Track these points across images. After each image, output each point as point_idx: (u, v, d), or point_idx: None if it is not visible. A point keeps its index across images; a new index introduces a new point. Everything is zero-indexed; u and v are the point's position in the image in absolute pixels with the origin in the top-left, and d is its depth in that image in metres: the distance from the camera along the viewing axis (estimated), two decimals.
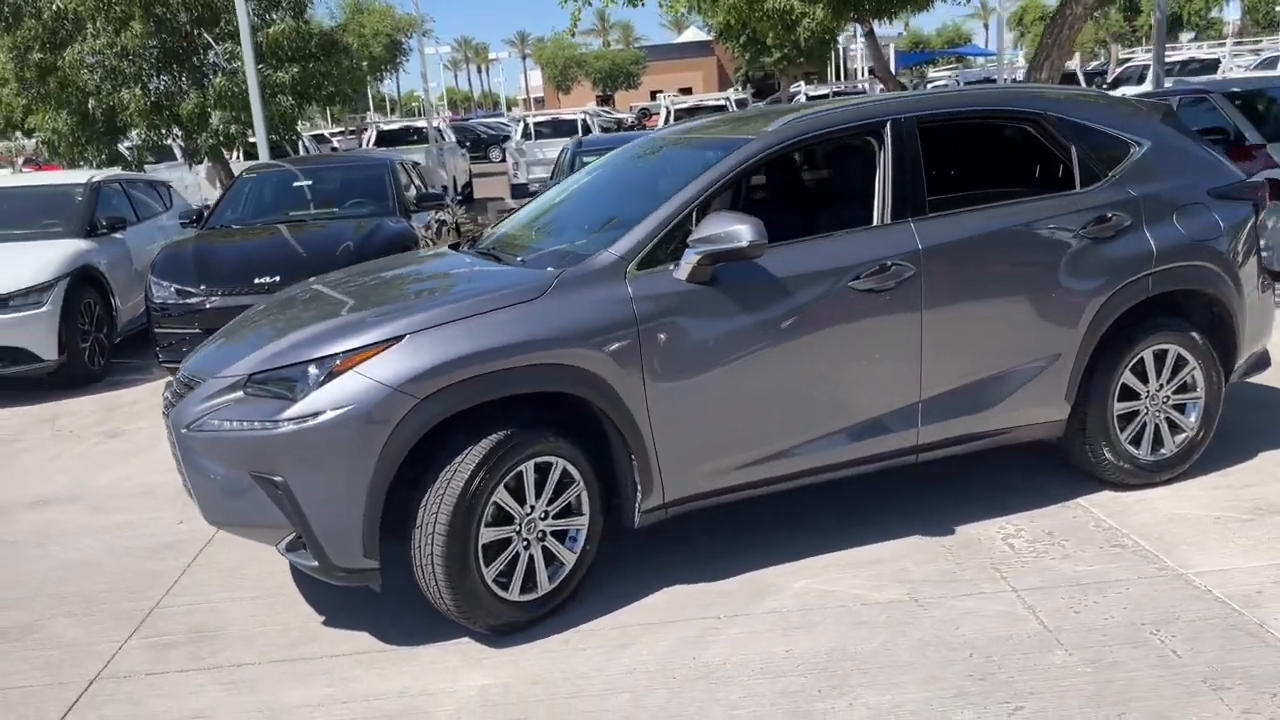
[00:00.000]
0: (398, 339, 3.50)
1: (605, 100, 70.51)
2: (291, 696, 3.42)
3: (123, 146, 16.94)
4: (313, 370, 3.49)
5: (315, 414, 3.41)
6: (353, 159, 13.13)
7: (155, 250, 8.42)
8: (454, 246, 5.15)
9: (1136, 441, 4.57)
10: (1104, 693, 3.13)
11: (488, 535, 3.56)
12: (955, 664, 3.34)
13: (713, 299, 3.81)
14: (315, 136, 26.75)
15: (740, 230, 3.67)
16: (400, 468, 3.47)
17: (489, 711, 3.25)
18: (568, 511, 3.79)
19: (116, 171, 11.79)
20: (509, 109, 79.30)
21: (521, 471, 3.62)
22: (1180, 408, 4.64)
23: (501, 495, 3.58)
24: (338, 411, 3.40)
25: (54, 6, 15.15)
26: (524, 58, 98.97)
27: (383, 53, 36.05)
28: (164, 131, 17.06)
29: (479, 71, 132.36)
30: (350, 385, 3.42)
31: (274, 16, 16.90)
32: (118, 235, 9.21)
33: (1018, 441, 4.51)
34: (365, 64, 27.97)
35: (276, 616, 3.98)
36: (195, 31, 16.16)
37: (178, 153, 18.67)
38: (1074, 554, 4.04)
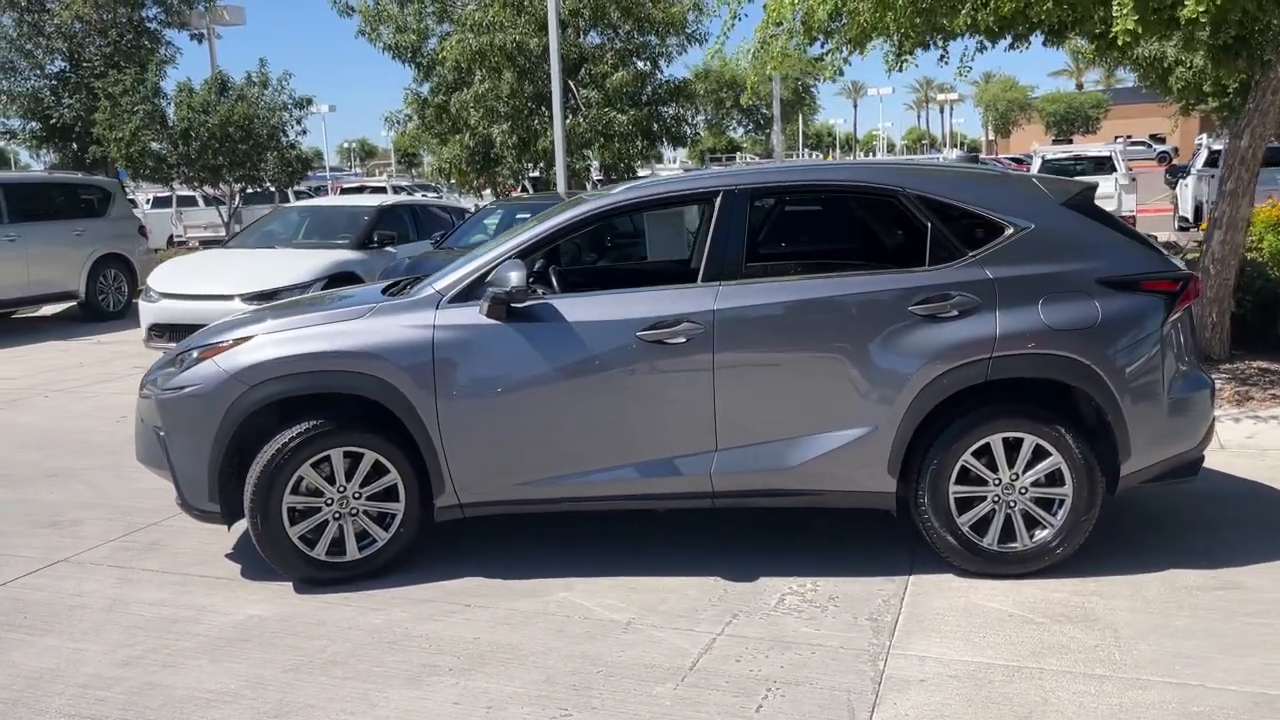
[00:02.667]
0: (246, 339, 4.56)
1: (1061, 142, 67.24)
2: (144, 596, 4.58)
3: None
4: (194, 355, 4.64)
5: (182, 387, 4.56)
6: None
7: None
8: None
9: (982, 528, 4.47)
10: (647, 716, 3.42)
11: (293, 500, 4.49)
12: (579, 673, 3.74)
13: (506, 335, 4.45)
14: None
15: (508, 277, 4.31)
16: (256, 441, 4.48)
17: (233, 630, 4.19)
18: (390, 498, 4.62)
19: (414, 198, 14.00)
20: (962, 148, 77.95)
21: (330, 456, 4.51)
22: (1047, 503, 4.46)
23: (307, 472, 4.49)
24: (194, 387, 4.53)
25: (452, 60, 18.01)
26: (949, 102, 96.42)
27: (790, 95, 37.59)
28: (529, 164, 19.55)
29: (941, 112, 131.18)
30: (205, 370, 4.54)
31: (634, 63, 18.73)
32: (389, 249, 11.19)
33: (842, 506, 4.61)
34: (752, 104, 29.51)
35: (201, 541, 5.16)
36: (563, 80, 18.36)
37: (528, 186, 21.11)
38: (823, 620, 4.16)
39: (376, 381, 4.44)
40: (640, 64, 18.81)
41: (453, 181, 20.46)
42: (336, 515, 4.58)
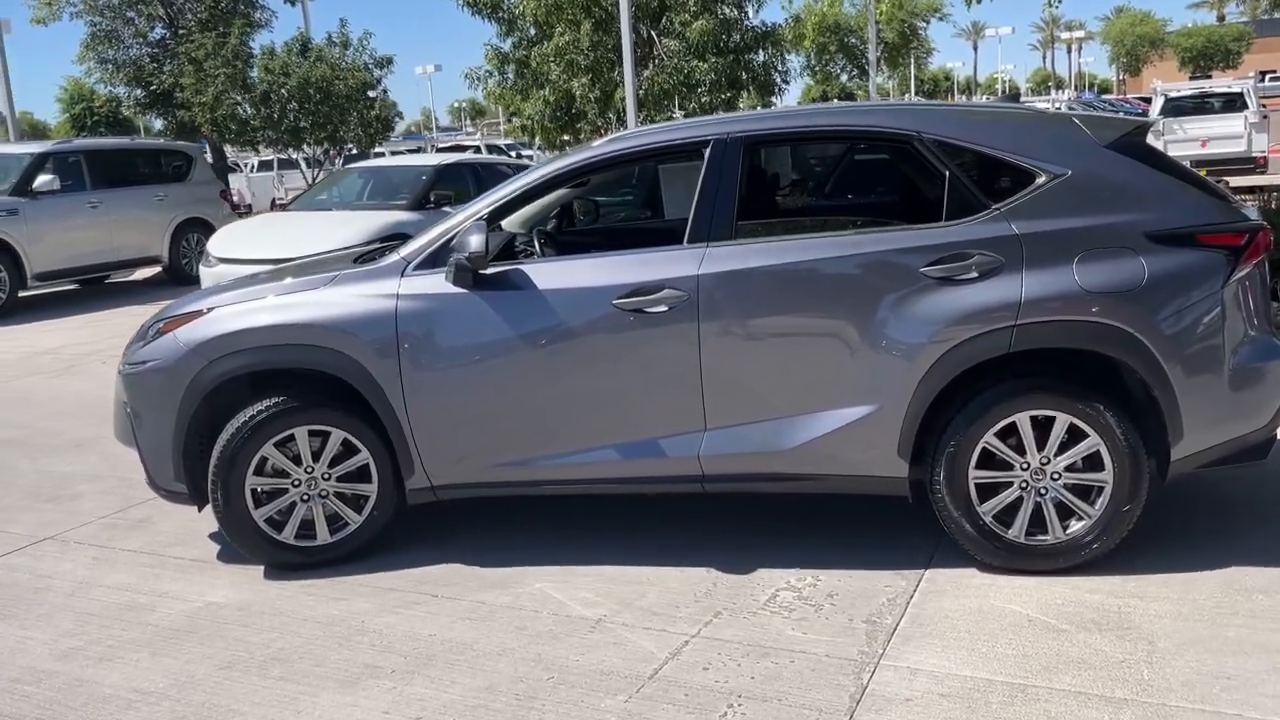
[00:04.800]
0: (205, 311, 4.30)
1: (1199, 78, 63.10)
2: (111, 579, 4.40)
3: None
4: (156, 329, 4.41)
5: (144, 362, 4.33)
6: None
7: None
8: None
9: (1007, 518, 3.95)
10: None
11: (257, 482, 4.24)
12: (526, 680, 3.39)
13: (473, 304, 4.09)
14: None
15: (468, 241, 3.94)
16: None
17: (185, 620, 3.97)
18: (363, 479, 4.33)
19: (468, 155, 13.71)
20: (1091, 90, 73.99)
21: (295, 435, 4.24)
22: (1084, 490, 3.90)
23: (271, 452, 4.23)
24: (154, 362, 4.30)
25: (531, 14, 17.65)
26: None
27: (896, 38, 36.09)
28: (612, 119, 19.12)
29: (1068, 51, 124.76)
30: (165, 344, 4.30)
31: (720, 8, 18.05)
32: (446, 209, 10.92)
33: (846, 492, 4.14)
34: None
35: (187, 519, 4.95)
36: (646, 31, 17.81)
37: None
38: (814, 621, 3.71)
39: (337, 356, 4.13)
40: (726, 9, 18.08)
41: (537, 139, 20.14)
42: (305, 497, 4.31)
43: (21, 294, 12.70)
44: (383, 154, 25.79)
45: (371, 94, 19.41)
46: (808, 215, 4.34)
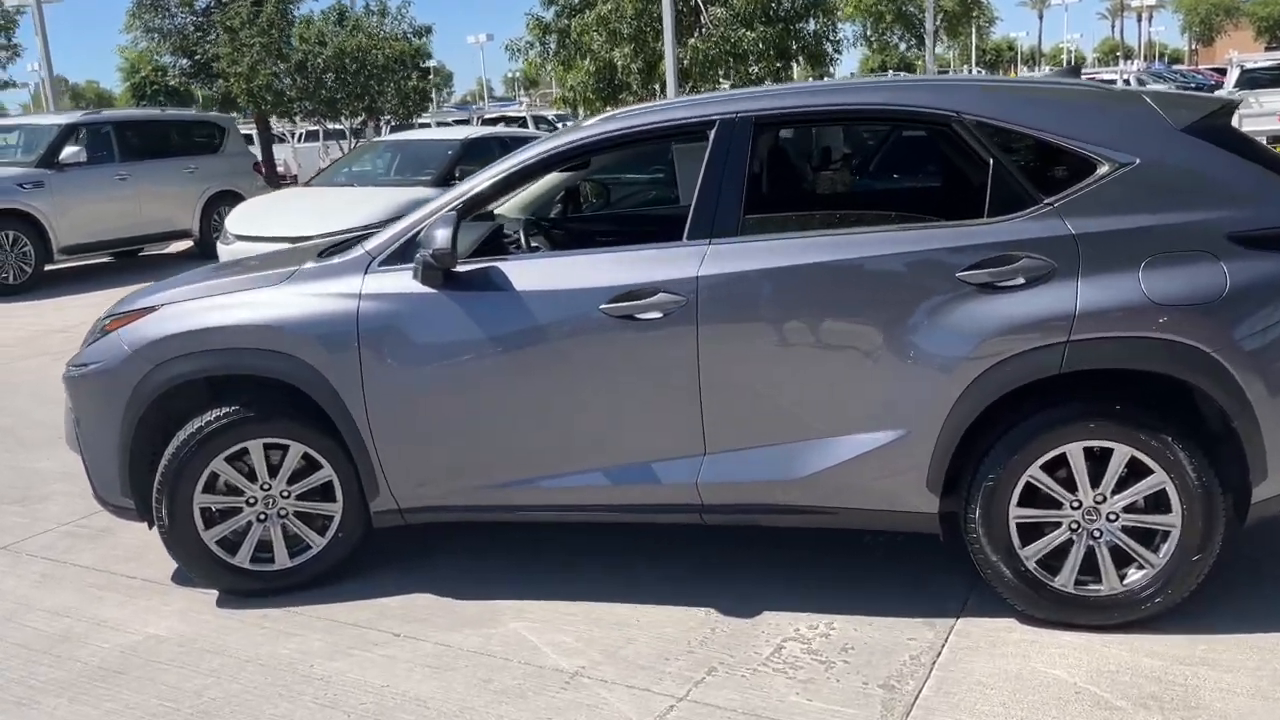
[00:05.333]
0: (153, 309, 3.86)
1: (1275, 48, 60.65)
2: (52, 600, 4.01)
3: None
4: (103, 327, 3.98)
5: (87, 364, 3.91)
6: None
7: None
8: None
9: (1053, 563, 3.39)
10: None
11: (207, 500, 3.81)
12: None
13: (443, 306, 3.60)
14: None
15: (433, 236, 3.45)
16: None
17: (118, 657, 3.55)
18: (327, 497, 3.88)
19: (500, 129, 13.20)
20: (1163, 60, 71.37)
21: (248, 449, 3.79)
22: (1146, 535, 3.33)
23: (223, 467, 3.79)
24: (98, 364, 3.87)
25: None
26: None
27: (956, 5, 34.86)
28: (656, 89, 18.52)
29: (1138, 20, 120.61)
30: (109, 344, 3.87)
31: None
32: None
33: (866, 527, 3.61)
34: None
35: (146, 531, 4.53)
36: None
37: None
38: (822, 683, 3.19)
39: (291, 362, 3.67)
40: None
41: (580, 110, 19.62)
42: (261, 517, 3.87)
43: (48, 268, 12.48)
44: (428, 125, 25.41)
45: (423, 65, 19.01)
46: (827, 209, 3.78)
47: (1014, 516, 3.36)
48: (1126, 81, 21.46)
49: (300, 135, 29.18)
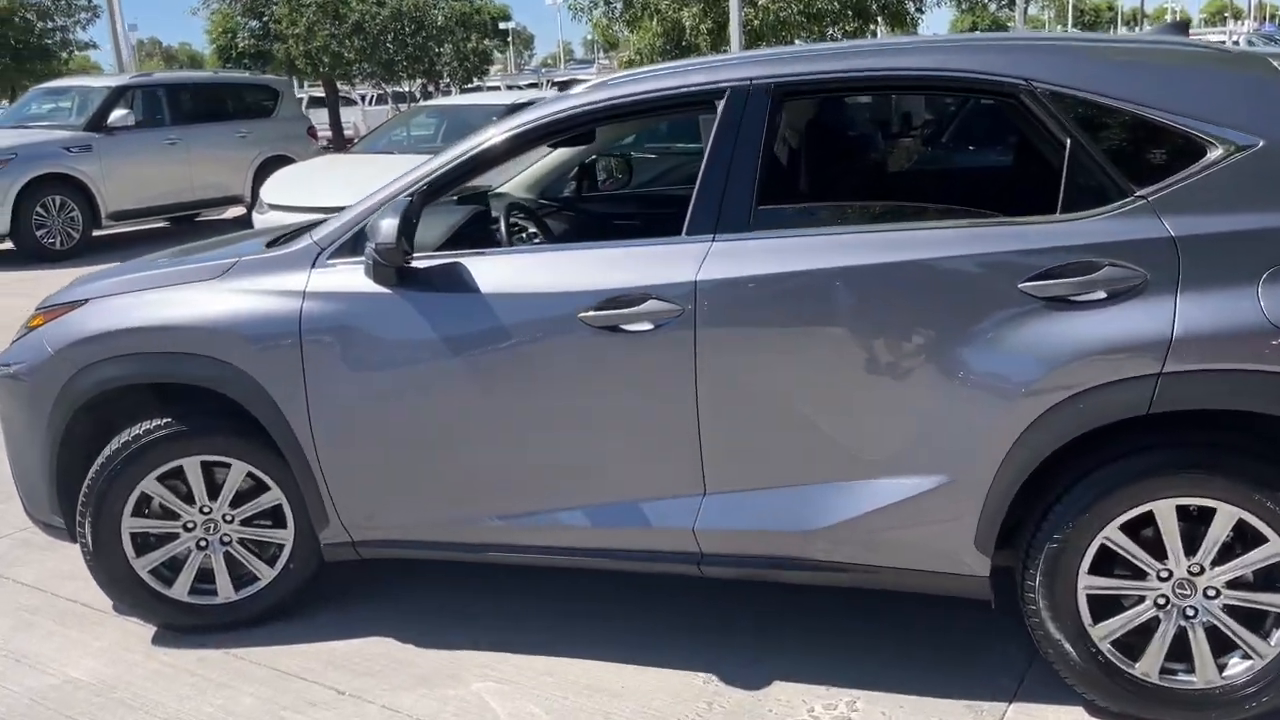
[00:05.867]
0: (80, 303, 3.36)
1: None
2: None
3: None
4: (28, 322, 3.50)
5: (9, 364, 3.44)
6: None
7: None
8: None
9: (1133, 646, 2.72)
10: None
11: (137, 524, 3.32)
12: None
13: (398, 309, 3.03)
14: None
15: (378, 228, 2.87)
16: None
17: (28, 705, 3.09)
18: (277, 523, 3.37)
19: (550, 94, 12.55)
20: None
21: (183, 467, 3.29)
22: (1254, 617, 2.65)
23: (154, 488, 3.29)
24: (19, 365, 3.39)
25: None
26: None
27: None
28: (726, 51, 17.69)
29: None
30: (31, 342, 3.39)
31: None
32: None
33: (898, 589, 2.96)
34: None
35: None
36: None
37: None
38: None
39: (226, 370, 3.14)
40: None
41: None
42: (201, 544, 3.37)
43: (96, 233, 12.27)
44: (497, 88, 24.89)
45: (499, 25, 18.50)
46: (860, 199, 3.12)
47: (1084, 586, 2.69)
48: (1235, 44, 19.93)
49: (370, 98, 28.93)
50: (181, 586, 3.38)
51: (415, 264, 3.03)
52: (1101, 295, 2.56)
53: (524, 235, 3.80)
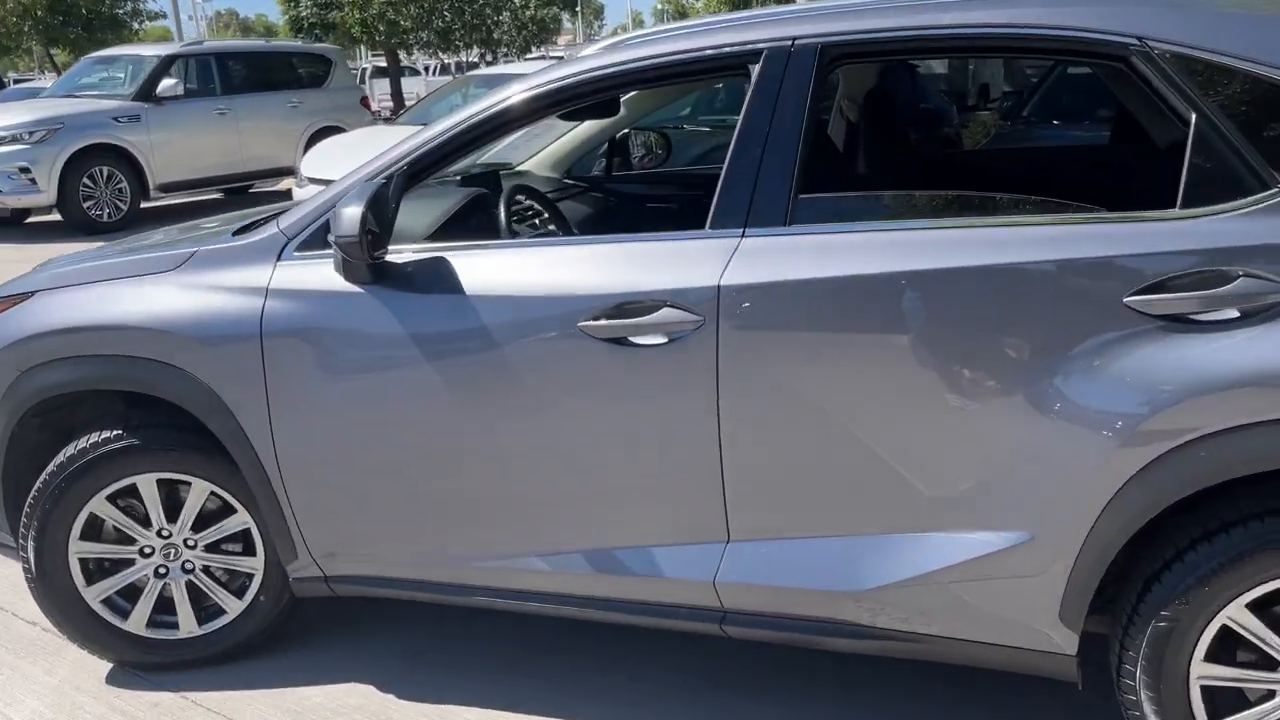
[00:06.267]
0: (28, 296, 2.96)
1: None
2: None
3: None
4: None
5: None
6: None
7: None
8: None
9: None
10: None
11: (86, 549, 2.92)
12: None
13: (373, 309, 2.57)
14: None
15: (339, 218, 2.41)
16: None
17: None
18: (246, 549, 2.96)
19: None
20: None
21: (137, 486, 2.88)
22: None
23: (104, 508, 2.89)
24: None
25: None
26: None
27: None
28: None
29: None
30: None
31: None
32: None
33: (962, 664, 2.43)
34: None
35: None
36: None
37: None
38: None
39: (177, 375, 2.72)
40: None
41: None
42: (161, 571, 2.97)
43: (144, 205, 12.06)
44: (560, 59, 24.36)
45: None
46: (924, 187, 2.57)
47: (1200, 677, 2.15)
48: None
49: (434, 68, 28.66)
50: (138, 619, 2.99)
51: (393, 258, 2.56)
52: (1233, 314, 2.01)
53: (536, 223, 3.32)
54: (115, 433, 2.84)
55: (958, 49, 2.60)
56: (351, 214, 2.36)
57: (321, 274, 2.61)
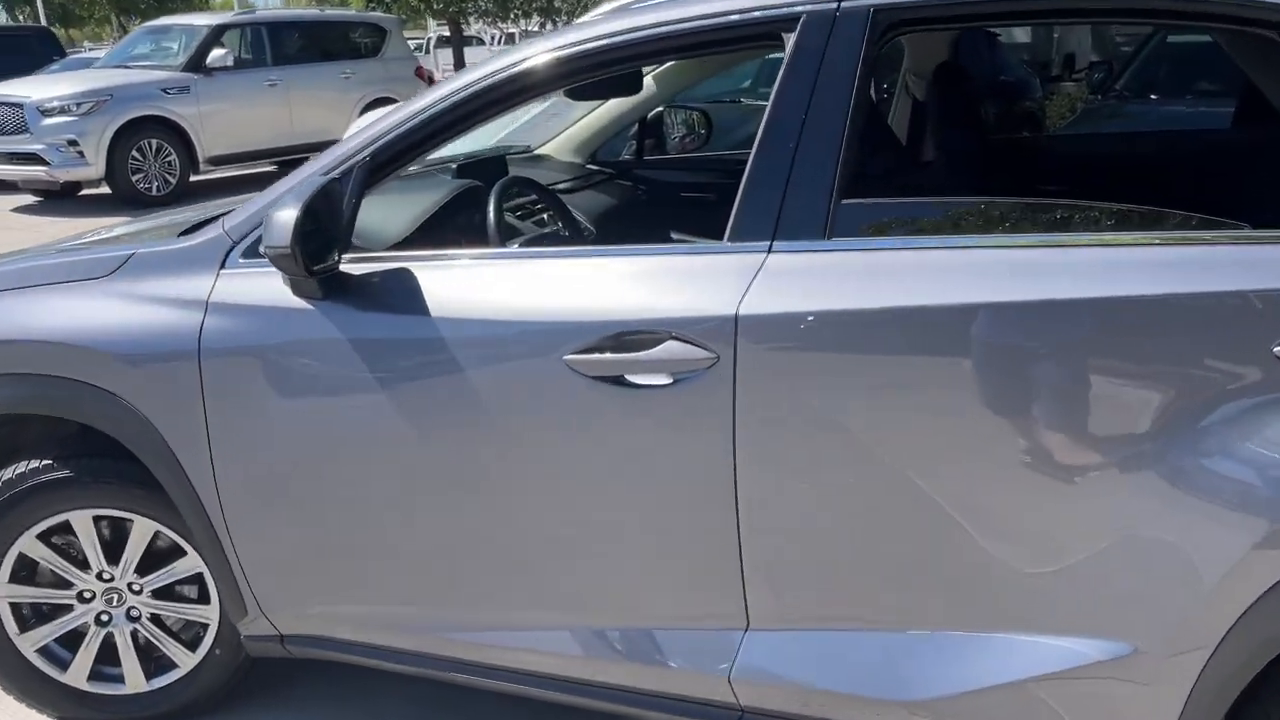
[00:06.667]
0: None
1: None
2: None
3: None
4: None
5: None
6: None
7: None
8: None
9: None
10: None
11: (16, 592, 2.55)
12: None
13: (323, 330, 2.13)
14: None
15: (271, 224, 1.96)
16: None
17: None
18: (199, 595, 2.57)
19: None
20: None
21: (71, 523, 2.49)
22: None
23: (35, 548, 2.51)
24: None
25: None
26: None
27: None
28: None
29: None
30: None
31: None
32: None
33: None
34: None
35: None
36: None
37: None
38: None
39: (103, 399, 2.31)
40: None
41: None
42: (103, 619, 2.59)
43: (194, 178, 11.84)
44: None
45: None
46: (1004, 181, 2.06)
47: None
48: None
49: (499, 39, 28.27)
50: (78, 671, 2.62)
51: (350, 269, 2.12)
52: None
53: (538, 221, 2.85)
54: (45, 463, 2.45)
55: (1056, 18, 2.06)
56: (283, 219, 1.92)
57: (268, 285, 2.17)
